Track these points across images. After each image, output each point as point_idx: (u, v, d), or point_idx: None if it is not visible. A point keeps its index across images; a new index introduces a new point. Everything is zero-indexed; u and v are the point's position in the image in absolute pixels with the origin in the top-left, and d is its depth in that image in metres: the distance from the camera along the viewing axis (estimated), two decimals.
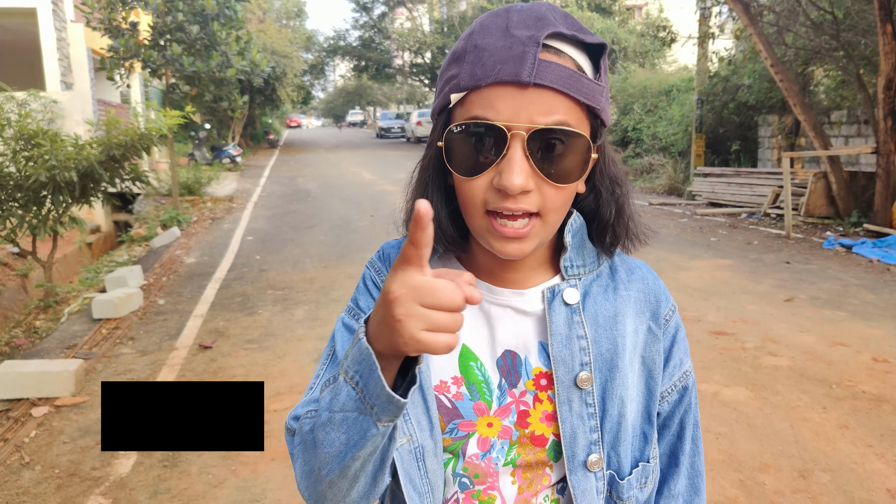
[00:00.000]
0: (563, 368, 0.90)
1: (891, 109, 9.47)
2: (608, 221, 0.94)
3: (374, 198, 14.49)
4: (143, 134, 6.52)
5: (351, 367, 0.75)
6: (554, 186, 0.82)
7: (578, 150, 0.82)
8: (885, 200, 9.77)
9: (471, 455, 0.93)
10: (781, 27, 12.24)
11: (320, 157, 27.62)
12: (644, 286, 0.98)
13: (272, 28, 30.59)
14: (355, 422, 0.75)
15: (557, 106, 0.80)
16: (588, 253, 0.96)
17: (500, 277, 0.95)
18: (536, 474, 0.93)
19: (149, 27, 11.90)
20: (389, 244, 1.05)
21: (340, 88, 63.53)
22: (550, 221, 0.85)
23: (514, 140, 0.79)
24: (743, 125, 15.89)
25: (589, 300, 0.94)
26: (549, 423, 0.92)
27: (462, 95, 0.83)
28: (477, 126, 0.80)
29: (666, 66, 24.96)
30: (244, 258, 8.83)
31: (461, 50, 0.84)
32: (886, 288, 6.84)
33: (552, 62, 0.79)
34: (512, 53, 0.78)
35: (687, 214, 12.37)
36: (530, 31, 0.79)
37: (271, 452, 3.63)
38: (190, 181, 14.78)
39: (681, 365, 1.00)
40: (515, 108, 0.79)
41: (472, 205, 0.84)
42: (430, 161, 0.91)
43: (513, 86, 0.79)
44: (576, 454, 0.91)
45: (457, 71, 0.83)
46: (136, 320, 6.12)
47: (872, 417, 3.96)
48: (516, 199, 0.80)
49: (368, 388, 0.73)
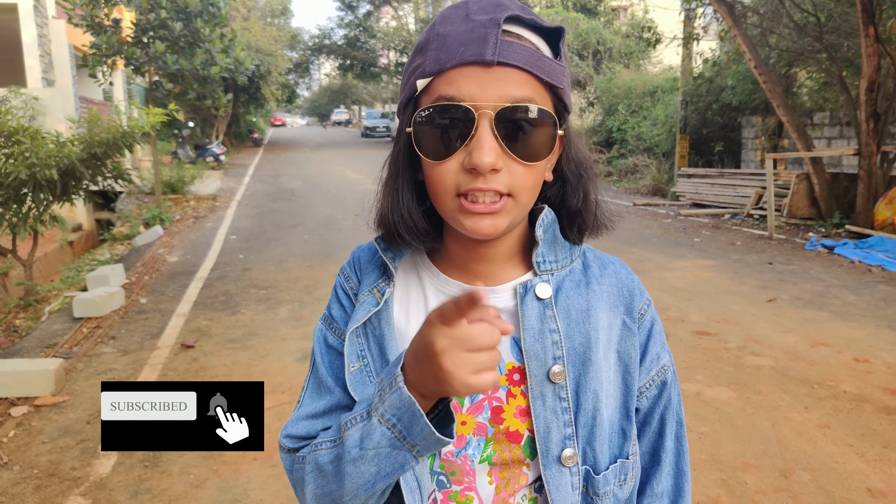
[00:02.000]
0: (536, 363, 0.90)
1: (873, 111, 9.55)
2: (576, 207, 0.94)
3: (358, 197, 14.44)
4: (125, 132, 6.46)
5: (389, 412, 0.79)
6: (523, 165, 0.83)
7: (545, 128, 0.83)
8: (866, 202, 9.86)
9: (446, 453, 0.92)
10: (765, 29, 12.33)
11: (305, 155, 27.52)
12: (617, 280, 0.97)
13: (256, 26, 30.44)
14: (389, 456, 0.81)
15: (522, 84, 0.81)
16: (560, 248, 0.96)
17: (471, 272, 0.94)
18: (513, 473, 0.93)
19: (132, 24, 11.79)
20: (360, 248, 1.06)
21: (325, 87, 63.23)
22: (522, 201, 0.85)
23: (481, 119, 0.80)
24: (726, 126, 16.00)
25: (561, 294, 0.93)
26: (523, 418, 0.91)
27: (428, 82, 0.84)
28: (443, 107, 0.81)
29: (651, 67, 25.06)
30: (227, 257, 8.77)
31: (424, 41, 0.86)
32: (867, 289, 6.91)
33: (513, 42, 0.81)
34: (474, 36, 0.80)
35: (671, 215, 12.43)
36: (489, 14, 0.81)
37: (253, 452, 3.60)
38: (173, 179, 14.67)
39: (658, 359, 0.99)
40: (481, 88, 0.80)
41: (443, 189, 0.84)
42: (400, 154, 0.91)
43: (477, 66, 0.80)
44: (550, 449, 0.90)
45: (421, 60, 0.85)
46: (118, 319, 6.06)
47: (853, 417, 3.99)
48: (486, 178, 0.81)
49: (412, 432, 0.78)
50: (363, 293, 0.97)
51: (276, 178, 18.69)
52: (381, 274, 0.98)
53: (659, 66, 24.95)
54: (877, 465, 3.46)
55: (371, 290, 0.97)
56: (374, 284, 0.97)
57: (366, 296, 0.96)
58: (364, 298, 0.96)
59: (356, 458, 0.82)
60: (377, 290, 0.96)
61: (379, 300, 0.95)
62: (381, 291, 0.96)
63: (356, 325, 0.94)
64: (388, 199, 0.93)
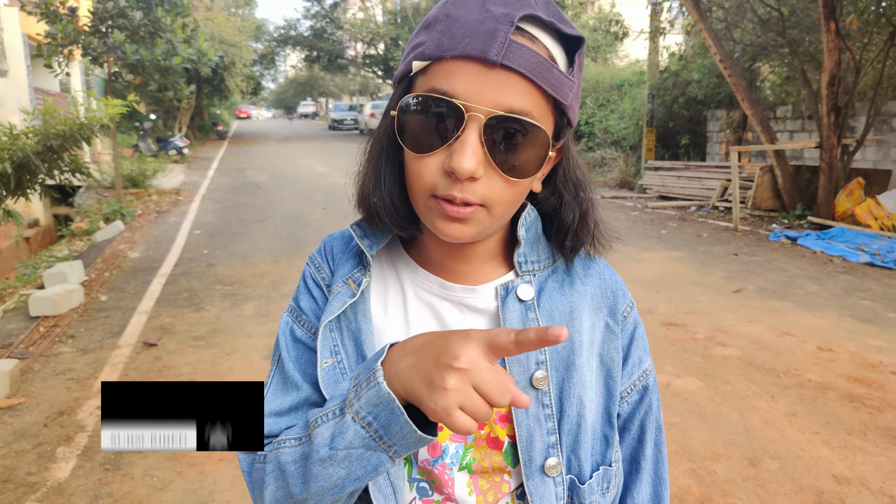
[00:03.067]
0: (518, 368, 0.86)
1: (834, 105, 9.71)
2: (570, 226, 0.89)
3: (326, 190, 14.30)
4: (83, 124, 6.27)
5: (364, 409, 0.73)
6: (504, 179, 0.76)
7: (536, 146, 0.77)
8: (828, 193, 10.02)
9: (422, 461, 0.88)
10: (730, 23, 12.46)
11: (271, 148, 27.21)
12: (601, 281, 0.93)
13: (220, 16, 29.95)
14: (361, 457, 0.75)
15: (522, 93, 0.74)
16: (543, 248, 0.92)
17: (450, 270, 0.90)
18: (494, 482, 0.88)
19: (89, 12, 11.49)
20: (332, 237, 0.99)
21: (291, 79, 62.64)
22: (496, 213, 0.79)
23: (470, 122, 0.74)
24: (692, 119, 16.16)
25: (544, 296, 0.89)
26: (503, 424, 0.87)
27: (425, 65, 0.77)
28: (434, 101, 0.75)
29: (618, 61, 25.25)
30: (191, 252, 8.61)
31: (433, 17, 0.79)
32: (829, 279, 7.01)
33: (524, 45, 0.73)
34: (483, 28, 0.73)
35: (638, 207, 12.53)
36: (507, 8, 0.74)
37: (219, 453, 3.52)
38: (134, 173, 14.36)
39: (640, 364, 0.95)
40: (477, 88, 0.73)
41: (420, 185, 0.78)
42: (385, 132, 0.85)
43: (478, 63, 0.73)
44: (532, 458, 0.86)
45: (424, 38, 0.78)
46: (77, 318, 5.90)
47: (818, 405, 4.04)
48: (463, 186, 0.75)
49: (389, 431, 0.72)
50: (337, 284, 0.91)
51: (241, 172, 18.44)
52: (356, 264, 0.92)
53: (626, 60, 25.16)
54: (842, 451, 3.51)
55: (346, 281, 0.91)
56: (349, 275, 0.91)
57: (340, 287, 0.90)
58: (338, 289, 0.90)
59: (324, 459, 0.75)
60: (353, 280, 0.90)
61: (355, 291, 0.89)
62: (357, 282, 0.90)
63: (330, 318, 0.88)
64: (370, 180, 0.87)
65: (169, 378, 4.54)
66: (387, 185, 0.85)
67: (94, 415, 4.01)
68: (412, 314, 0.90)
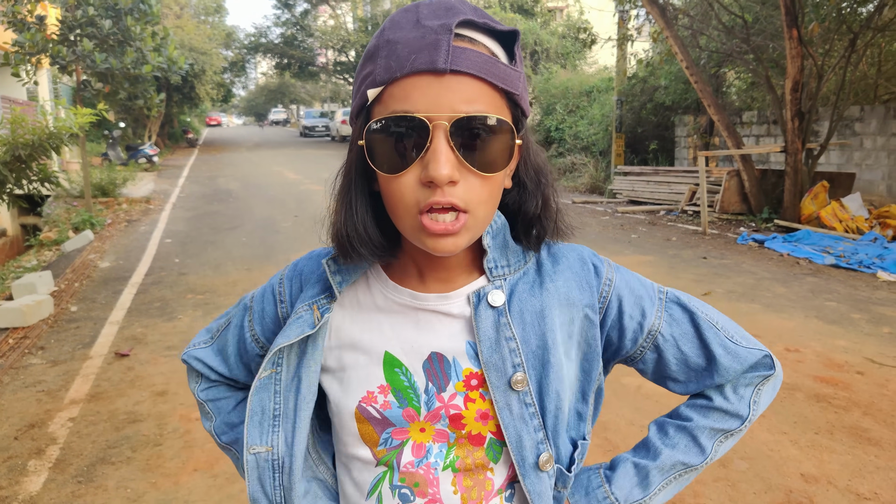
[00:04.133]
0: (496, 373, 0.88)
1: (798, 110, 9.90)
2: (534, 214, 0.92)
3: (298, 198, 14.25)
4: (51, 133, 6.23)
5: None
6: (480, 176, 0.80)
7: (503, 138, 0.81)
8: (793, 197, 10.22)
9: (406, 464, 0.90)
10: (695, 30, 12.66)
11: (242, 156, 27.01)
12: (573, 275, 0.94)
13: (190, 24, 29.72)
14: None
15: (477, 93, 0.78)
16: (512, 252, 0.94)
17: (426, 279, 0.92)
18: (478, 480, 0.91)
19: (57, 21, 11.35)
20: (308, 256, 1.03)
21: (262, 86, 62.18)
22: (480, 215, 0.82)
23: (436, 131, 0.77)
24: (660, 125, 16.38)
25: (514, 299, 0.91)
26: (484, 421, 0.89)
27: (379, 91, 0.80)
28: (396, 120, 0.78)
29: (587, 68, 25.47)
30: (162, 261, 8.53)
31: (374, 47, 0.82)
32: (796, 281, 7.16)
33: (466, 48, 0.77)
34: (425, 42, 0.76)
35: (608, 212, 12.65)
36: (441, 20, 0.77)
37: (194, 463, 3.50)
38: (104, 182, 14.18)
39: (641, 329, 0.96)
40: (435, 98, 0.77)
41: (402, 205, 0.81)
42: (352, 165, 0.87)
43: (429, 74, 0.77)
44: (525, 457, 0.89)
45: (371, 68, 0.81)
46: (47, 329, 5.82)
47: (786, 405, 4.13)
48: (444, 191, 0.78)
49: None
50: (301, 306, 0.95)
51: (212, 180, 18.30)
52: (324, 288, 0.95)
53: (594, 67, 25.39)
54: (809, 451, 3.58)
55: (311, 306, 0.94)
56: (315, 299, 0.95)
57: (304, 310, 0.94)
58: (301, 313, 0.94)
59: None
60: (318, 307, 0.94)
61: (316, 322, 0.92)
62: (322, 310, 0.93)
63: (284, 344, 0.92)
64: (341, 213, 0.89)
65: (141, 388, 4.51)
66: (359, 214, 0.87)
67: (66, 427, 3.97)
68: (388, 324, 0.93)
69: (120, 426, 3.96)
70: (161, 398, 4.35)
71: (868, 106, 11.18)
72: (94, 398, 4.37)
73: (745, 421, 0.99)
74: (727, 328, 0.99)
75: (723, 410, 0.99)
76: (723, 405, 0.99)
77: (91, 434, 3.87)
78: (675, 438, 1.00)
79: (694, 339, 0.98)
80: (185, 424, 3.96)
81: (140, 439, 3.79)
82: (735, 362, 0.97)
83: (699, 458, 0.99)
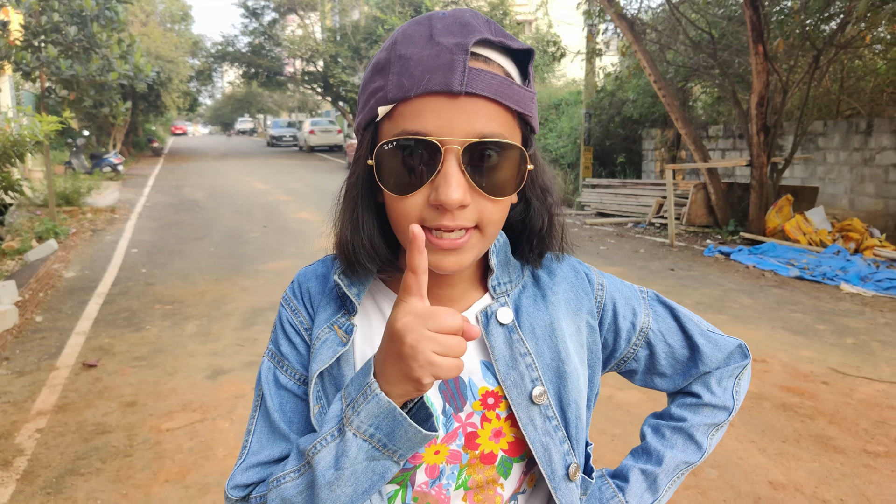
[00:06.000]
0: (516, 390, 0.89)
1: (763, 125, 10.11)
2: (540, 230, 0.92)
3: (266, 208, 14.14)
4: (16, 140, 6.11)
5: (366, 422, 0.76)
6: (491, 200, 0.80)
7: (514, 162, 0.80)
8: (758, 210, 10.40)
9: (420, 484, 0.90)
10: (663, 45, 12.87)
11: (208, 165, 26.74)
12: (570, 286, 0.97)
13: (156, 32, 29.41)
14: (366, 470, 0.77)
15: (490, 116, 0.77)
16: (513, 268, 0.95)
17: (432, 296, 0.91)
18: (487, 495, 0.92)
19: (20, 26, 11.16)
20: (306, 275, 0.98)
21: (229, 95, 61.60)
22: (488, 234, 0.83)
23: (448, 154, 0.76)
24: (628, 138, 16.58)
25: (522, 314, 0.92)
26: (497, 439, 0.90)
27: (390, 108, 0.79)
28: (409, 141, 0.77)
29: (555, 80, 25.72)
30: (129, 272, 8.40)
31: (384, 60, 0.80)
32: (762, 292, 7.29)
33: (482, 70, 0.76)
34: (440, 62, 0.75)
35: (577, 224, 12.77)
36: (456, 38, 0.76)
37: (165, 473, 3.45)
38: (68, 191, 13.92)
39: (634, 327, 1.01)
40: (447, 120, 0.76)
41: (407, 223, 0.79)
42: (359, 179, 0.86)
43: (443, 96, 0.76)
44: (555, 470, 0.90)
45: (382, 83, 0.79)
46: (11, 339, 5.69)
47: (754, 415, 4.20)
48: (454, 215, 0.78)
49: (394, 438, 0.76)
50: (321, 329, 0.91)
51: (178, 189, 18.07)
52: (339, 307, 0.92)
53: (563, 80, 25.64)
54: (777, 459, 3.65)
55: (332, 327, 0.90)
56: (334, 320, 0.91)
57: (326, 333, 0.90)
58: (324, 336, 0.90)
59: (332, 481, 0.77)
60: (339, 327, 0.90)
61: (344, 340, 0.89)
62: (346, 329, 0.90)
63: (322, 368, 0.87)
64: (347, 227, 0.88)
65: (110, 399, 4.43)
66: (365, 229, 0.86)
67: (33, 438, 3.88)
68: None
69: (89, 437, 3.89)
70: (130, 409, 4.27)
71: (831, 121, 11.45)
72: (62, 409, 4.28)
73: (731, 412, 1.05)
74: (701, 321, 1.06)
75: (711, 405, 1.05)
76: (711, 400, 1.04)
77: (59, 445, 3.79)
78: (672, 440, 1.04)
79: (678, 331, 1.03)
80: (156, 435, 3.89)
81: (109, 450, 3.72)
82: (716, 350, 1.04)
83: (698, 454, 1.04)
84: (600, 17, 13.30)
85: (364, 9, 31.42)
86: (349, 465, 0.76)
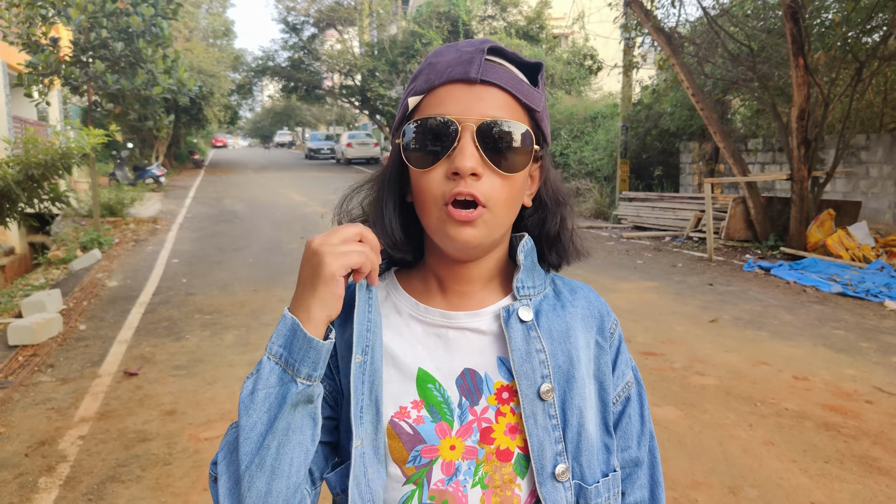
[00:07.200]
0: (526, 382, 0.93)
1: (804, 138, 9.96)
2: (554, 235, 1.01)
3: (304, 220, 14.31)
4: (64, 153, 6.29)
5: (275, 343, 0.84)
6: (501, 175, 0.89)
7: (522, 144, 0.90)
8: (799, 224, 10.23)
9: (436, 482, 0.92)
10: (701, 58, 12.76)
11: (248, 177, 27.16)
12: (588, 303, 1.03)
13: (199, 47, 30.03)
14: (277, 395, 0.83)
15: (503, 103, 0.89)
16: (538, 275, 1.01)
17: (453, 293, 0.98)
18: (505, 496, 0.93)
19: (70, 43, 11.50)
20: None
21: (268, 109, 62.49)
22: (498, 213, 0.90)
23: (464, 131, 0.87)
24: (665, 151, 16.44)
25: (542, 317, 0.97)
26: (512, 435, 0.93)
27: (419, 100, 0.92)
28: (430, 121, 0.89)
29: (591, 94, 25.62)
30: (170, 281, 8.56)
31: (418, 70, 0.95)
32: (803, 308, 7.16)
33: (496, 65, 0.90)
34: (461, 59, 0.90)
35: (613, 238, 12.68)
36: (475, 46, 0.91)
37: (203, 482, 3.50)
38: (112, 202, 14.29)
39: (623, 376, 1.04)
40: (465, 104, 0.88)
41: (431, 198, 0.89)
42: (390, 170, 0.98)
43: (462, 83, 0.89)
44: (544, 466, 0.92)
45: (414, 85, 0.94)
46: (56, 347, 5.84)
47: (795, 434, 4.12)
48: (467, 182, 0.87)
49: (292, 350, 0.83)
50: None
51: (218, 201, 18.39)
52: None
53: (599, 93, 25.51)
54: (819, 479, 3.57)
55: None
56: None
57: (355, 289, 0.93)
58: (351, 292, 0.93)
59: (248, 405, 0.83)
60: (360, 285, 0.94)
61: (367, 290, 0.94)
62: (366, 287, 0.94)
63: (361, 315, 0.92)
64: (372, 213, 0.99)
65: (151, 407, 4.52)
66: (387, 215, 0.97)
67: (76, 444, 3.97)
68: (420, 342, 0.96)
69: (129, 445, 3.97)
70: (170, 417, 4.35)
71: (874, 134, 11.23)
72: (104, 416, 4.38)
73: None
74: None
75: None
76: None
77: (101, 452, 3.88)
78: None
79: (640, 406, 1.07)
80: (195, 444, 3.96)
81: (150, 458, 3.79)
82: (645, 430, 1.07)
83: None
84: (637, 31, 13.26)
85: (402, 23, 31.69)
86: (262, 388, 0.83)
